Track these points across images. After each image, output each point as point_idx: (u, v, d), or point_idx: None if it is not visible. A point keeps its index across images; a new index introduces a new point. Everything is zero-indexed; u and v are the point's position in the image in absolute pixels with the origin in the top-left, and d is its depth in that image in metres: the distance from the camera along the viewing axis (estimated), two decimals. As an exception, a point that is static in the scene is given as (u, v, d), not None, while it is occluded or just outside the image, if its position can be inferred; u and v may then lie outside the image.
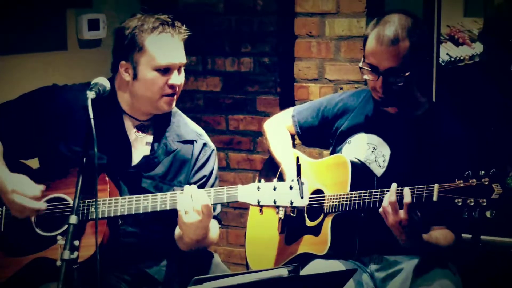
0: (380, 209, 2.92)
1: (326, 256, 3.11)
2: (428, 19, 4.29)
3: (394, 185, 2.91)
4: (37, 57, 4.23)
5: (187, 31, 3.05)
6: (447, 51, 5.58)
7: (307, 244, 3.21)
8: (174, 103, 3.07)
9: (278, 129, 3.50)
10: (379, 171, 3.18)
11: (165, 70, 3.00)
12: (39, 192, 2.91)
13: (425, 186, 2.88)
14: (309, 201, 3.17)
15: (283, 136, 3.48)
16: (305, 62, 4.38)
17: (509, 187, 2.76)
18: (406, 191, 2.88)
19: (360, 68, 3.13)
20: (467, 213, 2.81)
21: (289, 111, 3.53)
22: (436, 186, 2.86)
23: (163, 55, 2.99)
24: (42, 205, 2.91)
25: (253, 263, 3.45)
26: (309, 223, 3.22)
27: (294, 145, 3.58)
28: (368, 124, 3.26)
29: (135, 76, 3.02)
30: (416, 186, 2.90)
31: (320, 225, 3.17)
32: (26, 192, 2.90)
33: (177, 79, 3.02)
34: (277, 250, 3.36)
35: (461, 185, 2.81)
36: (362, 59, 3.13)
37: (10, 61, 4.10)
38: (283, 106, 4.51)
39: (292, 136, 3.52)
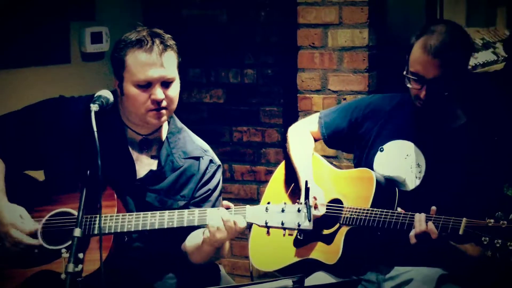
0: (412, 232, 2.92)
1: (330, 268, 3.10)
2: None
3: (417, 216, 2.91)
4: (40, 70, 4.24)
5: (170, 47, 2.98)
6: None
7: (318, 251, 3.19)
8: (164, 117, 3.01)
9: (300, 134, 3.46)
10: (415, 182, 3.14)
11: (146, 85, 2.96)
12: (35, 228, 2.93)
13: (452, 218, 2.86)
14: (326, 209, 3.16)
15: (305, 141, 3.43)
16: (308, 73, 4.39)
17: None
18: (430, 226, 2.86)
19: (405, 76, 3.09)
20: (491, 253, 2.78)
21: (316, 114, 3.49)
22: (464, 220, 2.84)
23: (141, 71, 2.94)
24: (37, 241, 2.92)
25: (256, 260, 3.40)
26: (323, 230, 3.21)
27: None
28: (402, 131, 3.21)
29: (122, 93, 3.02)
30: (442, 217, 2.88)
31: (333, 234, 3.15)
32: (24, 227, 2.92)
33: (160, 93, 2.96)
34: (283, 249, 3.31)
35: (490, 224, 2.79)
36: (406, 67, 3.09)
37: (13, 75, 4.10)
38: (287, 117, 4.51)
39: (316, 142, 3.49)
